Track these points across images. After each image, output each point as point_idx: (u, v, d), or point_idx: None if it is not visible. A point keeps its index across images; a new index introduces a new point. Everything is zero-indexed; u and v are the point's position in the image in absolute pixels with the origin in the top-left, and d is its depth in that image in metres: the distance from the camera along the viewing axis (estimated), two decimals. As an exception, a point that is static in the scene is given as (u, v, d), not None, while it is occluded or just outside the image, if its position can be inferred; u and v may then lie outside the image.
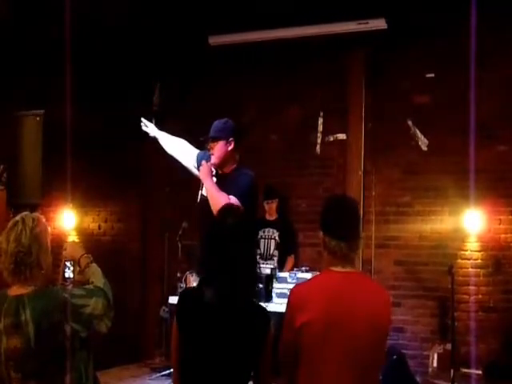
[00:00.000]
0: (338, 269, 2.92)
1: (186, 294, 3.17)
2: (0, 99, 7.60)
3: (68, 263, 3.34)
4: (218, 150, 5.00)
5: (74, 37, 5.98)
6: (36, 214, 3.09)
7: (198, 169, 5.06)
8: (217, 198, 4.65)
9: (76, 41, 6.06)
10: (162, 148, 7.38)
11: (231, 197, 4.64)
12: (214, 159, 4.96)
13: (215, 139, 5.02)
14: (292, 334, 2.87)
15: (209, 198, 4.79)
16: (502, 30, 7.15)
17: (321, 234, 2.97)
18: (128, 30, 7.78)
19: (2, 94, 7.73)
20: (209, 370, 2.87)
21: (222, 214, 3.07)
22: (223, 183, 4.86)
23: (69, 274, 3.39)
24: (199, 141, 5.14)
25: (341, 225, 2.94)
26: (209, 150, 5.04)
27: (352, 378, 2.80)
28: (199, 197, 5.01)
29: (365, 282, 3.03)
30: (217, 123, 5.12)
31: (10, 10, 7.14)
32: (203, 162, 4.98)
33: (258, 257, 7.05)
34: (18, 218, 3.02)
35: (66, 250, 3.39)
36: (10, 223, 3.00)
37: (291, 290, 3.01)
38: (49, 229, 3.10)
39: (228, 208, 3.21)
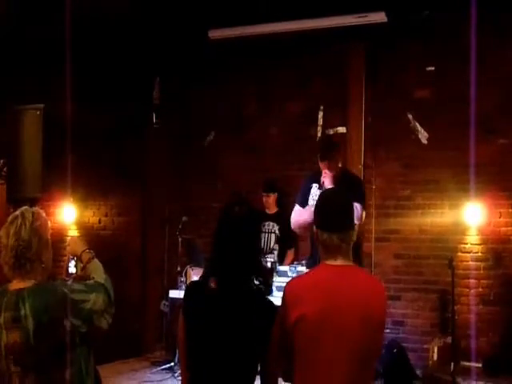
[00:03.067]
0: (332, 262, 2.93)
1: (192, 286, 3.18)
2: (0, 93, 7.59)
3: (72, 259, 3.35)
4: (336, 166, 5.65)
5: (73, 32, 5.98)
6: (36, 209, 3.09)
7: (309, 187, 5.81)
8: None
9: (76, 36, 6.06)
10: (162, 142, 7.39)
11: (356, 204, 5.03)
12: (331, 175, 5.56)
13: (333, 159, 5.68)
14: (286, 328, 2.87)
15: None
16: (503, 24, 7.14)
17: (314, 227, 2.98)
18: (128, 25, 7.77)
19: (2, 88, 7.72)
20: (215, 361, 2.88)
21: (229, 205, 3.08)
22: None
23: (72, 269, 3.39)
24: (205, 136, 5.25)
25: (331, 217, 2.94)
26: (327, 167, 5.63)
27: (347, 370, 2.80)
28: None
29: (358, 275, 3.03)
30: (327, 142, 6.08)
31: (10, 9, 7.14)
32: (326, 172, 5.58)
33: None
34: (17, 212, 3.02)
35: (69, 245, 3.39)
36: (10, 218, 3.00)
37: (285, 286, 3.01)
38: (49, 223, 3.10)
39: (235, 199, 3.22)
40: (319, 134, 8.05)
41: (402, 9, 7.21)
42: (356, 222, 4.68)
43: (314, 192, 5.66)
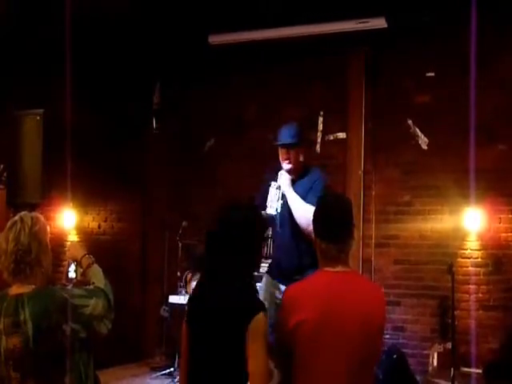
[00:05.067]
0: (331, 269, 2.93)
1: (193, 296, 3.16)
2: (0, 98, 7.60)
3: (72, 264, 3.35)
4: (295, 155, 5.01)
5: (73, 36, 5.98)
6: (34, 214, 3.09)
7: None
8: (303, 210, 4.68)
9: (76, 40, 6.06)
10: (162, 147, 7.31)
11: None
12: (291, 167, 5.00)
13: (293, 146, 5.00)
14: (285, 334, 2.87)
15: (293, 209, 4.85)
16: (503, 28, 7.14)
17: (313, 235, 2.98)
18: (128, 29, 7.78)
19: (2, 93, 7.73)
20: (208, 365, 2.89)
21: (225, 210, 3.08)
22: (298, 188, 4.94)
23: (72, 274, 3.39)
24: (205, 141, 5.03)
25: (330, 228, 2.95)
26: (285, 159, 5.05)
27: (346, 376, 2.80)
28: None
29: (357, 281, 3.04)
30: (289, 128, 5.10)
31: (10, 9, 7.14)
32: (282, 172, 5.02)
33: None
34: (16, 217, 3.02)
35: (68, 250, 3.39)
36: (9, 223, 3.01)
37: (284, 291, 3.01)
38: (48, 228, 3.10)
39: (232, 203, 3.20)
40: (319, 140, 8.05)
41: (401, 14, 7.22)
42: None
43: (273, 192, 5.08)
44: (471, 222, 7.14)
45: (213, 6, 7.35)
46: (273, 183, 5.13)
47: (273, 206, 5.04)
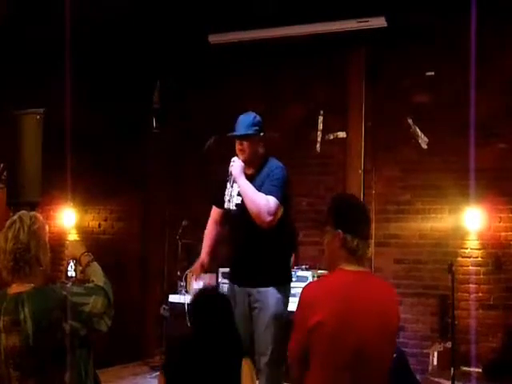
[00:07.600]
0: (352, 268, 2.92)
1: (174, 348, 3.32)
2: (0, 97, 7.60)
3: (71, 262, 3.36)
4: (250, 147, 4.70)
5: (73, 35, 5.98)
6: (33, 213, 3.11)
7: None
8: (254, 199, 4.50)
9: (75, 39, 6.06)
10: (162, 146, 7.25)
11: (269, 197, 4.48)
12: (245, 158, 4.70)
13: (247, 137, 4.69)
14: (304, 333, 2.85)
15: (244, 197, 4.56)
16: (503, 28, 7.14)
17: (339, 232, 2.91)
18: (128, 29, 7.79)
19: (1, 92, 7.73)
20: None
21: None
22: (254, 181, 4.66)
23: (71, 272, 3.40)
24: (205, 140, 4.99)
25: (362, 224, 2.97)
26: (240, 150, 4.72)
27: (363, 376, 2.80)
28: (230, 205, 4.78)
29: (373, 281, 3.04)
30: (244, 119, 4.77)
31: (10, 9, 7.15)
32: (234, 159, 4.73)
33: None
34: (15, 217, 3.03)
35: (67, 248, 3.40)
36: (8, 222, 3.01)
37: (303, 289, 2.96)
38: (47, 227, 3.10)
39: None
40: (319, 139, 8.05)
41: (401, 13, 7.23)
42: (268, 217, 4.46)
43: (228, 192, 4.79)
44: (471, 221, 7.14)
45: (213, 6, 7.36)
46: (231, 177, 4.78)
47: (232, 201, 4.76)
